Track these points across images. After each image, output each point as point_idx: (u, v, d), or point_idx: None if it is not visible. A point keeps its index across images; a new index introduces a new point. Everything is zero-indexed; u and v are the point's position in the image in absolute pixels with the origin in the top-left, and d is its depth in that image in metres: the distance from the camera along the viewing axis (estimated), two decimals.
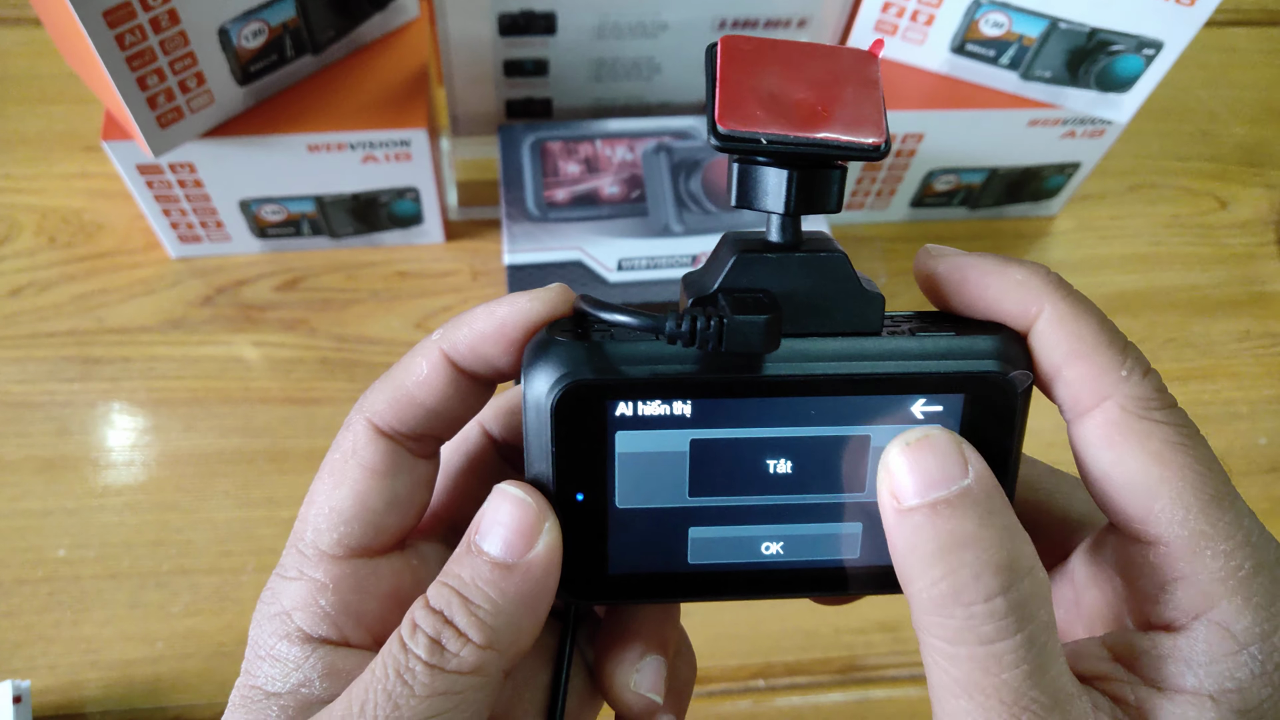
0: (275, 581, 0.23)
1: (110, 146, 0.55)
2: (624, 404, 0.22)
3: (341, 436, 0.24)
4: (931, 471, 0.21)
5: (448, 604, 0.21)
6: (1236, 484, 0.22)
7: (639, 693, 0.25)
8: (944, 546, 0.20)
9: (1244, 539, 0.21)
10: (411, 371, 0.23)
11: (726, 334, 0.21)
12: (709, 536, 0.24)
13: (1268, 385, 0.66)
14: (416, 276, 0.65)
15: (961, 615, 0.20)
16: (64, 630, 0.52)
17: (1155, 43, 0.57)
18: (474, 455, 0.27)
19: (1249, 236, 0.72)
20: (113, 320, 0.62)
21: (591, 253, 0.58)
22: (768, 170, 0.22)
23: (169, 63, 0.51)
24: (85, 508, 0.56)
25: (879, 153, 0.22)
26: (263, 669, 0.23)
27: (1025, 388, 0.23)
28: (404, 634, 0.21)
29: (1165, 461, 0.21)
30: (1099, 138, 0.64)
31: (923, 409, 0.23)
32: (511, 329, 0.23)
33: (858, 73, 0.22)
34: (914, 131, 0.62)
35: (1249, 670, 0.20)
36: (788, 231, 0.23)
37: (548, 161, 0.61)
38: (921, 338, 0.23)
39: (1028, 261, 0.23)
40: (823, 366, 0.22)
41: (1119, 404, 0.21)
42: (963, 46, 0.60)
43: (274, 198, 0.60)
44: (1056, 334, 0.22)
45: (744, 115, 0.21)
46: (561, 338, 0.22)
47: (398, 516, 0.24)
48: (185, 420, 0.59)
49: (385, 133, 0.58)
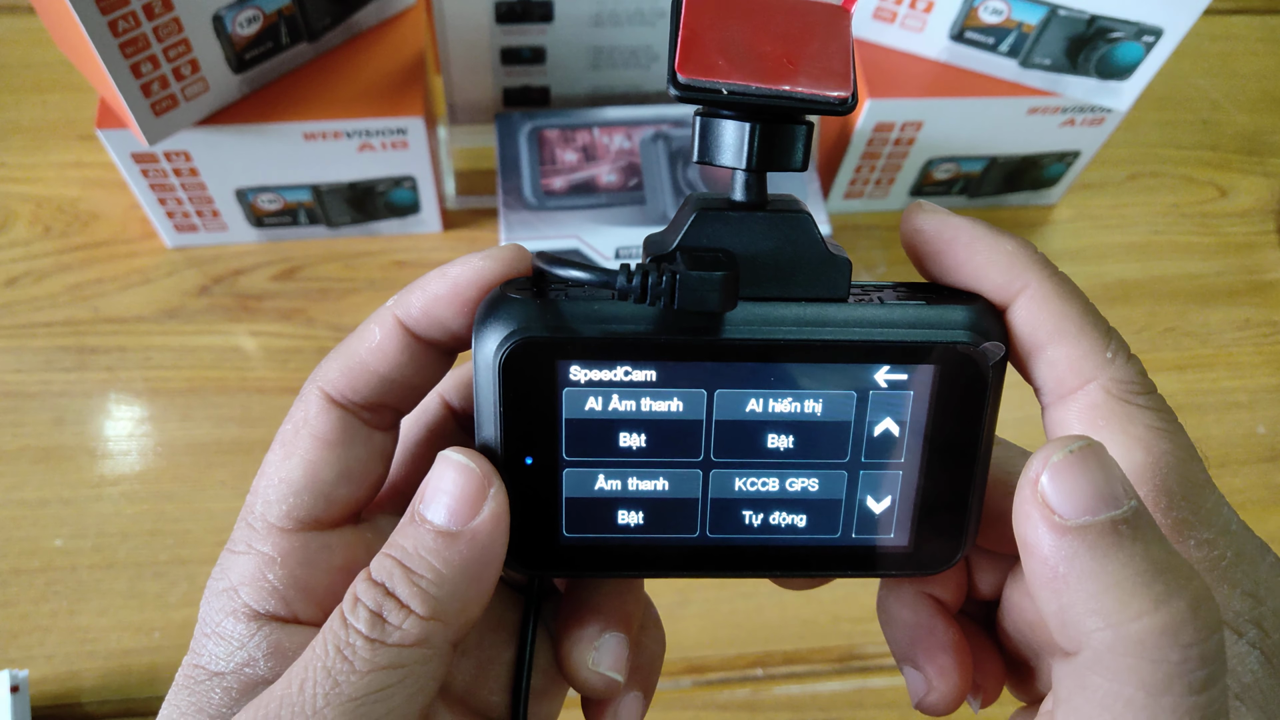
0: (224, 557, 0.23)
1: (105, 135, 0.55)
2: (576, 364, 0.21)
3: (294, 408, 0.23)
4: (1099, 485, 0.18)
5: (389, 575, 0.21)
6: (1235, 473, 0.22)
7: (599, 671, 0.24)
8: (1143, 572, 0.17)
9: (1224, 527, 0.21)
10: (365, 339, 0.23)
11: (680, 290, 0.20)
12: None
13: (1267, 374, 0.66)
14: (414, 266, 0.65)
15: (1177, 658, 0.17)
16: (61, 620, 0.52)
17: (1155, 30, 0.56)
18: (433, 427, 0.26)
19: (1249, 225, 0.72)
20: (109, 310, 0.62)
21: (589, 241, 0.58)
22: (729, 123, 0.22)
23: (163, 50, 0.50)
24: (82, 498, 0.56)
25: (845, 106, 0.21)
26: (207, 647, 0.22)
27: (997, 360, 0.22)
28: (345, 609, 0.20)
29: (1149, 447, 0.21)
30: (1099, 126, 0.64)
31: (888, 377, 0.22)
32: (465, 289, 0.22)
33: (828, 26, 0.22)
34: (913, 119, 0.62)
35: (1256, 661, 0.20)
36: (752, 190, 0.22)
37: (545, 150, 0.61)
38: (890, 306, 0.22)
39: (1017, 236, 0.22)
40: (783, 331, 0.21)
41: (1103, 386, 0.21)
42: (962, 34, 0.60)
43: (270, 187, 0.60)
44: (1041, 312, 0.21)
45: (705, 64, 0.21)
46: (515, 295, 0.21)
47: (350, 488, 0.23)
48: (182, 410, 0.59)
49: (382, 121, 0.57)
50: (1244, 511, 0.70)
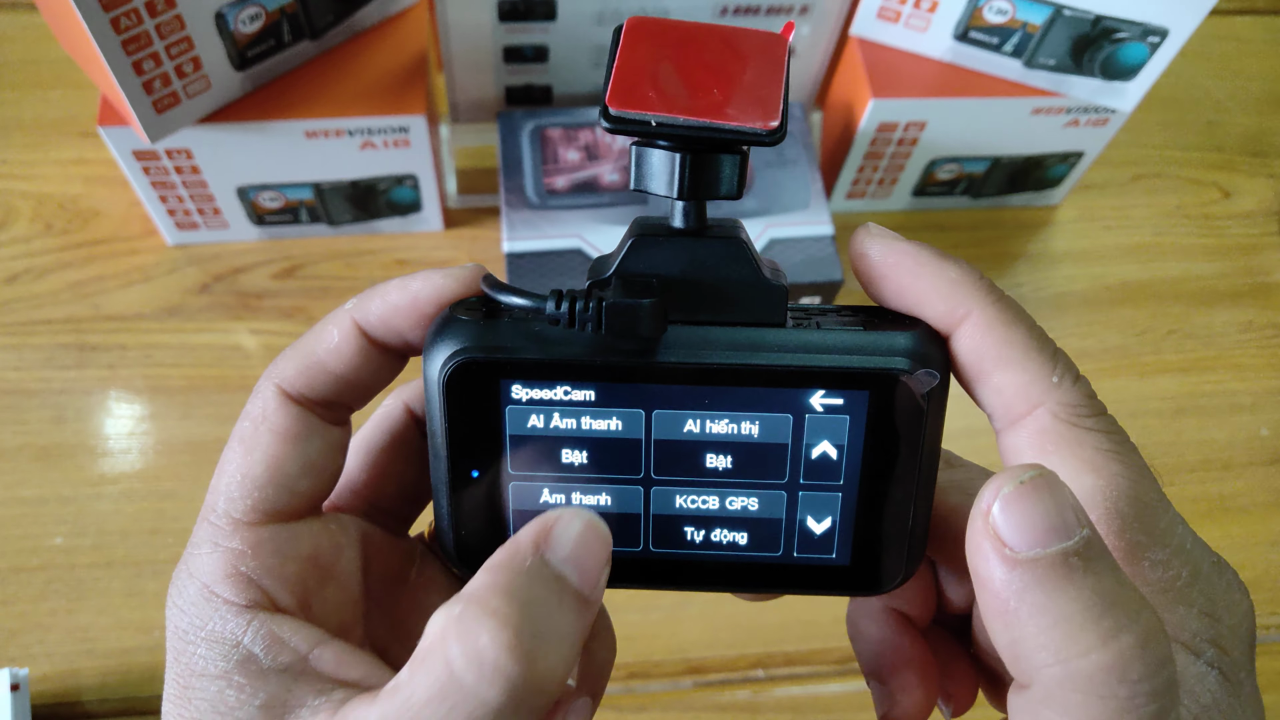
0: (187, 563, 0.22)
1: (106, 132, 0.55)
2: (515, 383, 0.22)
3: (250, 404, 0.23)
4: (1051, 517, 0.18)
5: None
6: (1238, 476, 0.22)
7: None
8: (1092, 606, 0.17)
9: (1179, 546, 0.20)
10: (322, 339, 0.23)
11: (607, 316, 0.21)
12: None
13: (1270, 377, 0.65)
14: (415, 265, 0.64)
15: (1125, 694, 0.17)
16: (61, 619, 0.52)
17: (1160, 30, 0.56)
18: (396, 433, 0.27)
19: (1253, 227, 0.72)
20: (109, 307, 0.61)
21: (591, 240, 0.58)
22: (660, 154, 0.22)
23: (165, 47, 0.50)
24: (82, 496, 0.55)
25: (773, 138, 0.21)
26: (199, 652, 0.21)
27: (930, 389, 0.22)
28: (448, 645, 0.19)
29: (1099, 470, 0.20)
30: (1102, 127, 0.63)
31: (823, 402, 0.22)
32: (424, 303, 0.23)
33: (763, 55, 0.22)
34: (916, 120, 0.61)
35: (1215, 681, 0.20)
36: (690, 217, 0.22)
37: (547, 149, 0.61)
38: (826, 331, 0.22)
39: (963, 262, 0.22)
40: (716, 356, 0.22)
41: (1050, 411, 0.21)
42: (966, 34, 0.59)
43: (272, 185, 0.60)
44: (986, 339, 0.21)
45: (636, 97, 0.21)
46: (464, 315, 0.22)
47: (311, 481, 0.23)
48: (182, 408, 0.58)
49: (384, 119, 0.57)
50: (1247, 514, 0.70)
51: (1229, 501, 0.60)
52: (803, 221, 0.59)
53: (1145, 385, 0.65)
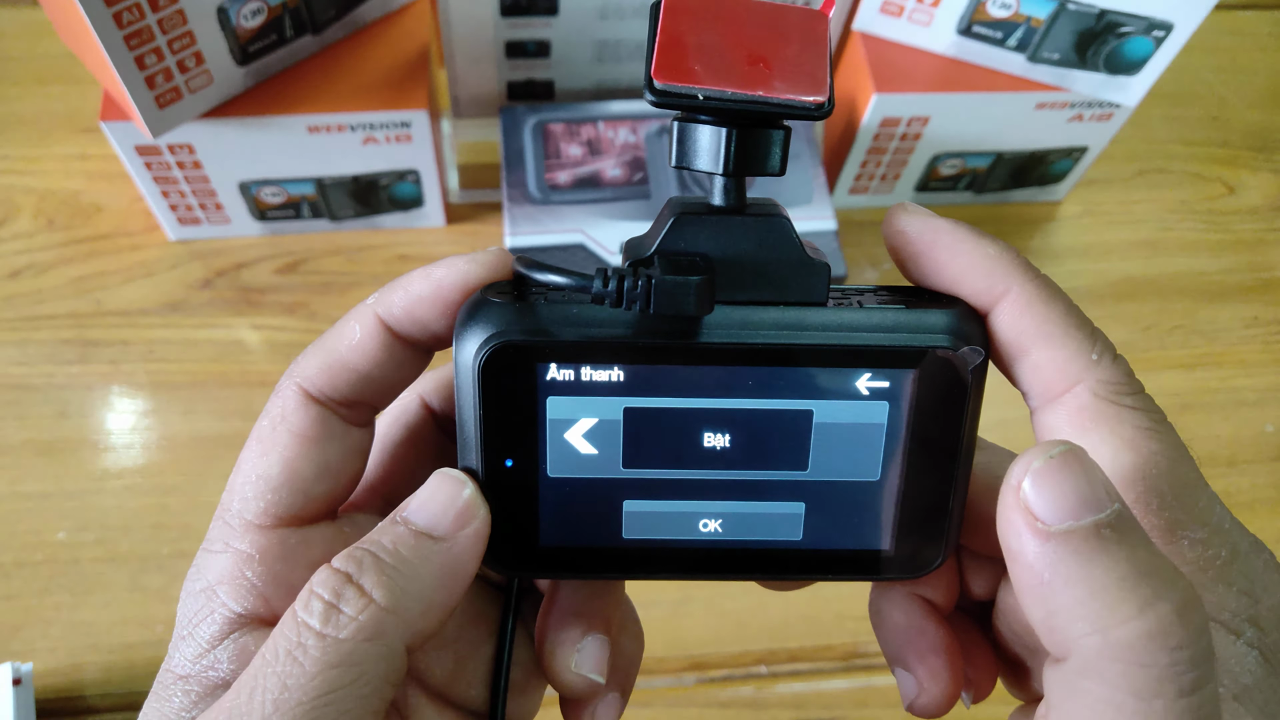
0: (201, 557, 0.22)
1: (108, 127, 0.55)
2: (555, 367, 0.21)
3: (271, 403, 0.23)
4: (1082, 490, 0.18)
5: (358, 563, 0.20)
6: (1243, 472, 0.22)
7: (580, 673, 0.24)
8: (1127, 576, 0.17)
9: (1217, 525, 0.20)
10: (344, 336, 0.23)
11: (655, 295, 0.20)
12: (644, 510, 0.23)
13: (1275, 372, 0.65)
14: (417, 260, 0.64)
15: (1166, 661, 0.17)
16: (64, 613, 0.52)
17: (1165, 25, 0.56)
18: (413, 427, 0.26)
19: (1257, 222, 0.71)
20: (111, 303, 0.61)
21: (593, 235, 0.57)
22: (706, 129, 0.22)
23: (167, 42, 0.50)
24: (85, 490, 0.55)
25: (821, 111, 0.21)
26: (180, 650, 0.22)
27: (977, 365, 0.22)
28: (297, 606, 0.20)
29: (1138, 448, 0.20)
30: (1107, 121, 0.63)
31: (868, 384, 0.22)
32: (448, 291, 0.22)
33: (806, 31, 0.22)
34: (919, 114, 0.61)
35: (1255, 661, 0.19)
36: (730, 194, 0.22)
37: (549, 144, 0.60)
38: (869, 310, 0.22)
39: (1000, 240, 0.22)
40: (761, 335, 0.21)
41: (1090, 389, 0.21)
42: (970, 28, 0.59)
43: (273, 180, 0.60)
44: (1025, 316, 0.21)
45: (682, 70, 0.21)
46: (496, 299, 0.22)
47: (328, 484, 0.23)
48: (185, 404, 0.58)
49: (386, 114, 0.57)
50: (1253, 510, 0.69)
51: (1234, 497, 0.60)
52: (805, 216, 0.59)
53: (1150, 381, 0.64)
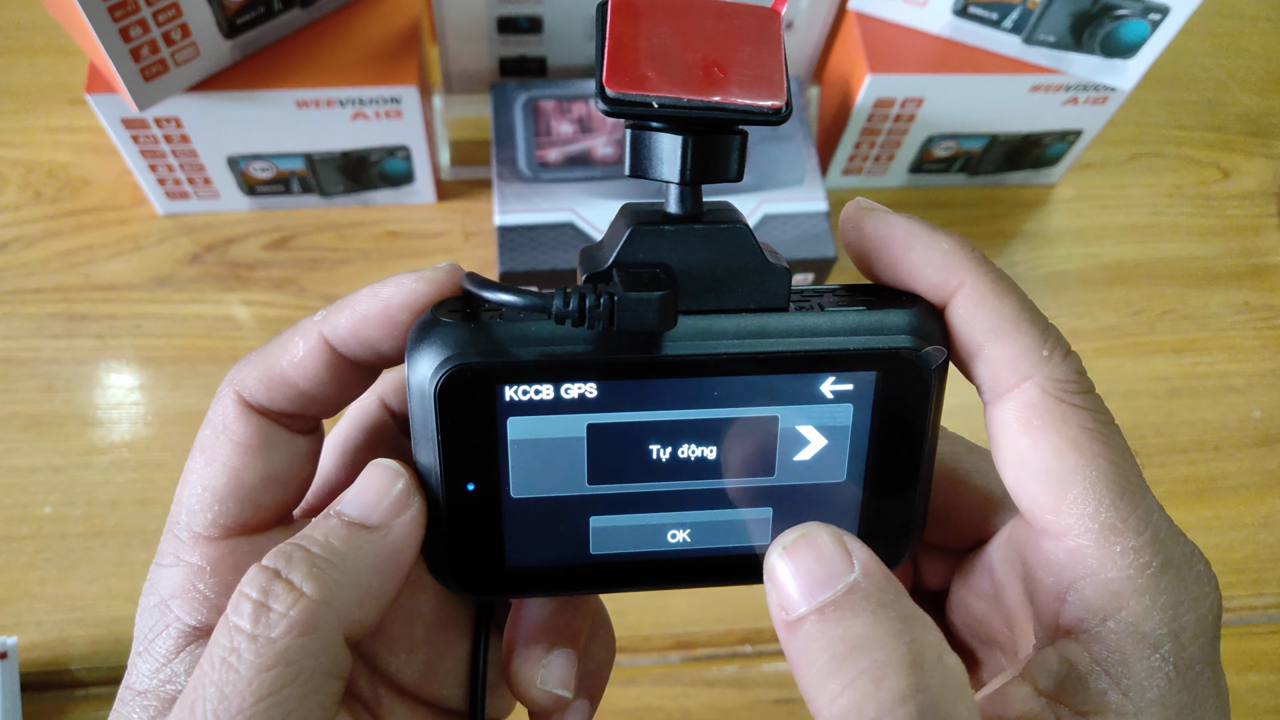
0: (153, 571, 0.22)
1: (94, 100, 0.54)
2: (514, 388, 0.21)
3: (212, 410, 0.22)
4: (814, 572, 0.19)
5: (287, 558, 0.20)
6: (1230, 457, 0.21)
7: (546, 690, 0.24)
8: (838, 654, 0.18)
9: (1153, 535, 0.20)
10: (287, 350, 0.22)
11: (618, 312, 0.20)
12: (612, 525, 0.23)
13: (1265, 359, 0.65)
14: (408, 237, 0.64)
15: None
16: (50, 588, 0.52)
17: (1162, 8, 0.55)
18: (373, 430, 0.26)
19: (1251, 208, 0.71)
20: (99, 277, 0.61)
21: (583, 214, 0.57)
22: (661, 136, 0.21)
23: (153, 14, 0.50)
24: (72, 465, 0.55)
25: (779, 116, 0.20)
26: (137, 665, 0.21)
27: (939, 364, 0.22)
28: (229, 609, 0.19)
29: (1080, 449, 0.20)
30: (1102, 105, 0.63)
31: (832, 388, 0.22)
32: (396, 310, 0.21)
33: (759, 31, 0.21)
34: (913, 96, 0.61)
35: (1165, 676, 0.20)
36: (686, 202, 0.22)
37: (540, 121, 0.60)
38: (831, 313, 0.22)
39: (955, 234, 0.22)
40: (724, 345, 0.21)
41: (1039, 385, 0.21)
42: (965, 9, 0.59)
43: (262, 155, 0.59)
44: (978, 310, 0.21)
45: (635, 77, 0.20)
46: (447, 319, 0.21)
47: (276, 492, 0.22)
48: (173, 379, 0.58)
49: (376, 89, 0.57)
50: (1237, 496, 0.70)
51: (1219, 482, 0.60)
52: (797, 198, 0.59)
53: (1139, 365, 0.65)
